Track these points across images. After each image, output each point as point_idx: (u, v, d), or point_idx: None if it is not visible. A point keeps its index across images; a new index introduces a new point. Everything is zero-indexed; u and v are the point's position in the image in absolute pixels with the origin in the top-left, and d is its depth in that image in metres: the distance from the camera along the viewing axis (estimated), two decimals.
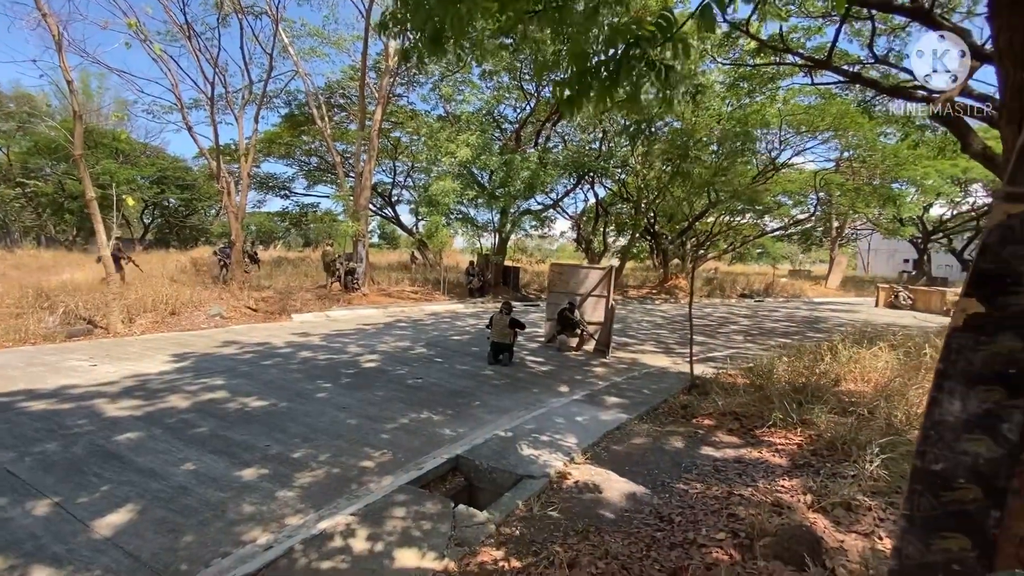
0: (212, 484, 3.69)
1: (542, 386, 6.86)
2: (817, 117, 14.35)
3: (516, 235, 21.07)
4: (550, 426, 5.10)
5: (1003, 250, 1.49)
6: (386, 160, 24.66)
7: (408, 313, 13.85)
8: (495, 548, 2.99)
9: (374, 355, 8.20)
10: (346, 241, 15.85)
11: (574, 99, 2.91)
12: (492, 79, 19.43)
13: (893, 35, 8.41)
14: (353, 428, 4.96)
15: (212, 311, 10.97)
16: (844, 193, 17.86)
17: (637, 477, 3.94)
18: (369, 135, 15.71)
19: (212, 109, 14.48)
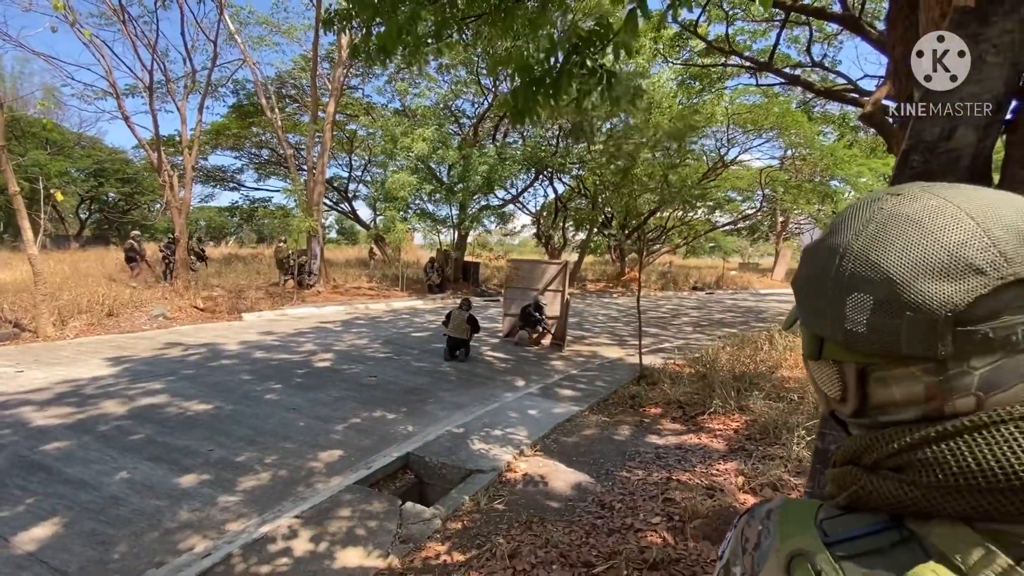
0: (148, 493, 3.56)
1: (498, 381, 6.92)
2: (761, 116, 15.01)
3: (476, 230, 21.02)
4: (503, 420, 5.17)
5: None
6: (342, 154, 24.08)
7: (366, 310, 13.63)
8: (440, 543, 3.03)
9: (328, 354, 8.05)
10: (300, 237, 15.44)
11: (522, 110, 2.96)
12: (449, 73, 19.26)
13: (827, 42, 8.89)
14: (302, 429, 4.87)
15: (155, 311, 10.48)
16: (787, 190, 18.77)
17: (583, 467, 4.06)
18: (322, 128, 15.30)
19: (151, 97, 13.75)
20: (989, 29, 1.45)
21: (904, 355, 0.41)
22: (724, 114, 15.42)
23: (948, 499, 0.39)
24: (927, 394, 0.42)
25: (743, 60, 8.88)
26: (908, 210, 0.43)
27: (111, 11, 12.94)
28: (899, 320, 0.41)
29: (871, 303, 0.42)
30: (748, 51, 9.67)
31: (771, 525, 0.48)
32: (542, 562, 2.70)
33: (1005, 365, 0.39)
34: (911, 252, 0.41)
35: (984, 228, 0.40)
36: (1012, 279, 0.38)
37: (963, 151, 1.50)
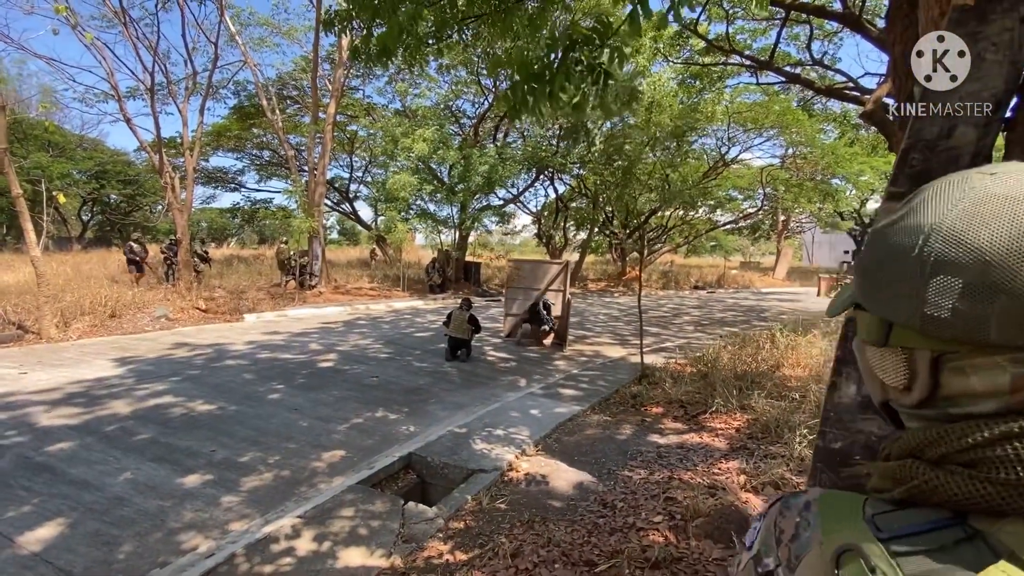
0: (151, 493, 3.57)
1: (499, 381, 6.93)
2: (762, 114, 15.00)
3: (477, 230, 21.04)
4: (505, 420, 5.17)
5: None
6: (343, 154, 24.12)
7: (367, 311, 13.65)
8: (442, 543, 3.03)
9: (330, 354, 8.07)
10: (302, 238, 15.47)
11: (520, 107, 2.96)
12: (449, 73, 19.27)
13: (828, 40, 8.89)
14: (305, 429, 4.88)
15: (157, 313, 10.50)
16: (788, 189, 18.75)
17: (585, 466, 4.06)
18: (323, 129, 15.32)
19: (152, 99, 13.78)
20: (988, 27, 1.45)
21: (992, 343, 0.39)
22: (724, 113, 15.43)
23: (1016, 495, 0.37)
24: (1013, 385, 0.39)
25: (743, 59, 8.88)
26: (1004, 189, 0.40)
27: (112, 13, 12.98)
28: (991, 305, 0.38)
29: (960, 286, 0.39)
30: (748, 50, 9.67)
31: (811, 517, 0.47)
32: (544, 561, 2.71)
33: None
34: (1010, 232, 0.38)
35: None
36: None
37: (963, 149, 1.50)
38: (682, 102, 14.42)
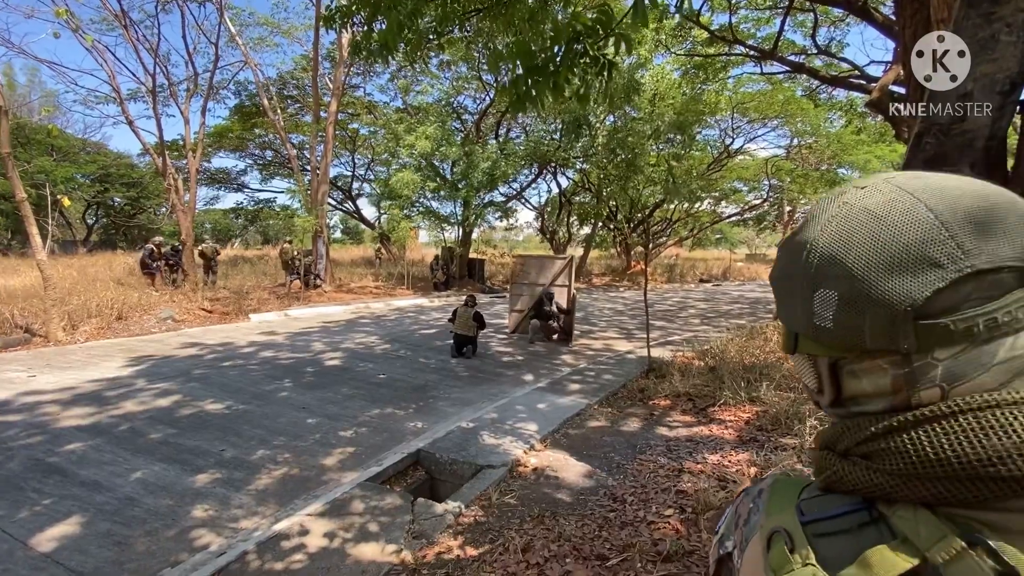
0: (162, 493, 3.59)
1: (506, 376, 6.92)
2: (766, 104, 14.87)
3: (480, 227, 21.04)
4: (512, 415, 5.17)
5: None
6: (345, 153, 24.15)
7: (372, 309, 13.67)
8: (453, 538, 3.04)
9: (336, 353, 8.09)
10: (305, 237, 15.49)
11: (523, 97, 2.94)
12: (450, 69, 19.22)
13: (833, 26, 8.79)
14: (313, 427, 4.90)
15: (163, 314, 10.56)
16: (794, 179, 18.62)
17: (594, 460, 4.05)
18: (325, 127, 15.33)
19: (154, 101, 13.82)
20: (1003, 7, 1.42)
21: (870, 349, 0.42)
22: (728, 104, 15.31)
23: (910, 485, 0.40)
24: (893, 386, 0.42)
25: (747, 49, 8.79)
26: (869, 203, 0.43)
27: (112, 16, 13.00)
28: (863, 315, 0.41)
29: (836, 299, 0.42)
30: (752, 39, 9.57)
31: (760, 503, 0.50)
32: (555, 556, 2.70)
33: (967, 356, 0.39)
34: (870, 247, 0.41)
35: (942, 220, 0.40)
36: (970, 271, 0.38)
37: (977, 132, 1.47)
38: (685, 93, 14.33)
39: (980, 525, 0.37)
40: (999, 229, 0.39)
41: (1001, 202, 0.40)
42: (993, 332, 0.39)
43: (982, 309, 0.39)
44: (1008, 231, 0.39)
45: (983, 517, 0.37)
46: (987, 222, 0.39)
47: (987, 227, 0.39)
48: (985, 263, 0.38)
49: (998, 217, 0.39)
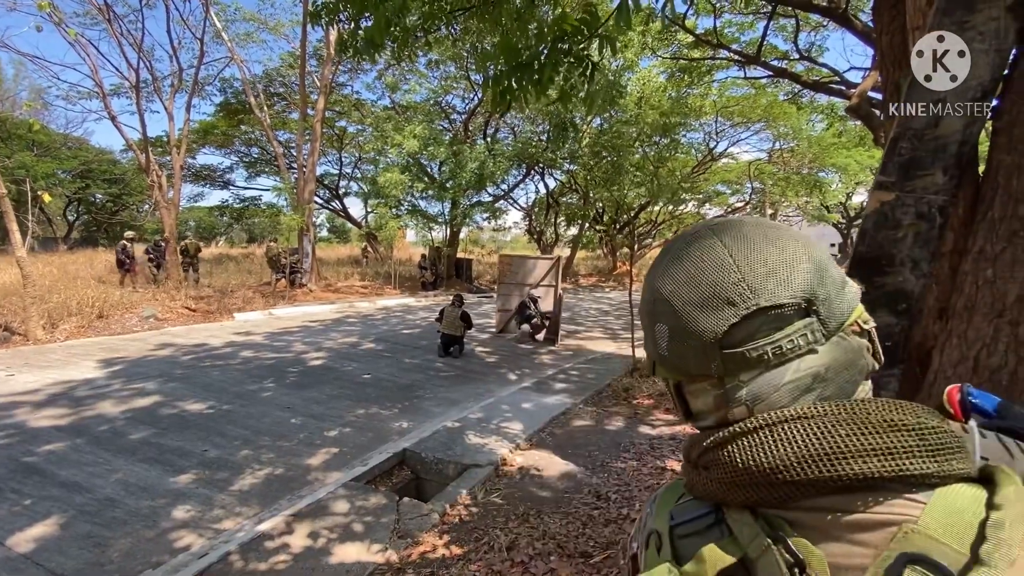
0: (143, 494, 3.54)
1: (491, 376, 6.93)
2: (749, 108, 15.08)
3: (468, 227, 21.01)
4: (497, 415, 5.18)
5: (878, 234, 1.66)
6: (332, 151, 23.94)
7: (358, 308, 13.59)
8: (438, 537, 3.04)
9: (321, 352, 8.03)
10: (291, 236, 15.35)
11: (507, 94, 2.95)
12: (439, 68, 19.17)
13: (814, 31, 8.94)
14: (297, 427, 4.86)
15: (145, 313, 10.38)
16: (776, 182, 18.91)
17: (578, 459, 4.08)
18: (312, 125, 15.20)
19: (138, 97, 13.59)
20: (975, 16, 1.46)
21: (694, 374, 0.48)
22: (712, 107, 15.48)
23: (733, 491, 0.45)
24: (715, 404, 0.48)
25: (731, 53, 8.91)
26: (691, 249, 0.49)
27: (96, 10, 12.75)
28: (684, 345, 0.48)
29: (667, 331, 0.49)
30: (736, 43, 9.68)
31: (653, 507, 0.55)
32: (540, 554, 2.72)
33: (763, 379, 0.45)
34: (687, 288, 0.48)
35: (738, 265, 0.46)
36: (755, 308, 0.44)
37: (950, 138, 1.52)
38: (670, 97, 14.47)
39: (785, 523, 0.42)
40: (779, 273, 0.45)
41: (788, 251, 0.47)
42: (780, 358, 0.45)
43: (769, 339, 0.45)
44: (786, 275, 0.45)
45: (787, 516, 0.43)
46: (772, 266, 0.46)
47: (770, 270, 0.45)
48: (766, 301, 0.44)
49: (783, 263, 0.46)
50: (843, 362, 0.46)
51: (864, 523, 0.40)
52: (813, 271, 0.46)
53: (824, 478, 0.40)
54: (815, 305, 0.45)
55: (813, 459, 0.41)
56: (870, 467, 0.39)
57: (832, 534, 0.41)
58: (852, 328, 0.47)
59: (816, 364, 0.45)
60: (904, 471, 0.39)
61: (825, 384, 0.45)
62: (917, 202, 1.57)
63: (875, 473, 0.39)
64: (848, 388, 0.47)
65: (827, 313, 0.46)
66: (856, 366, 0.47)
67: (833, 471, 0.40)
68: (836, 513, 0.41)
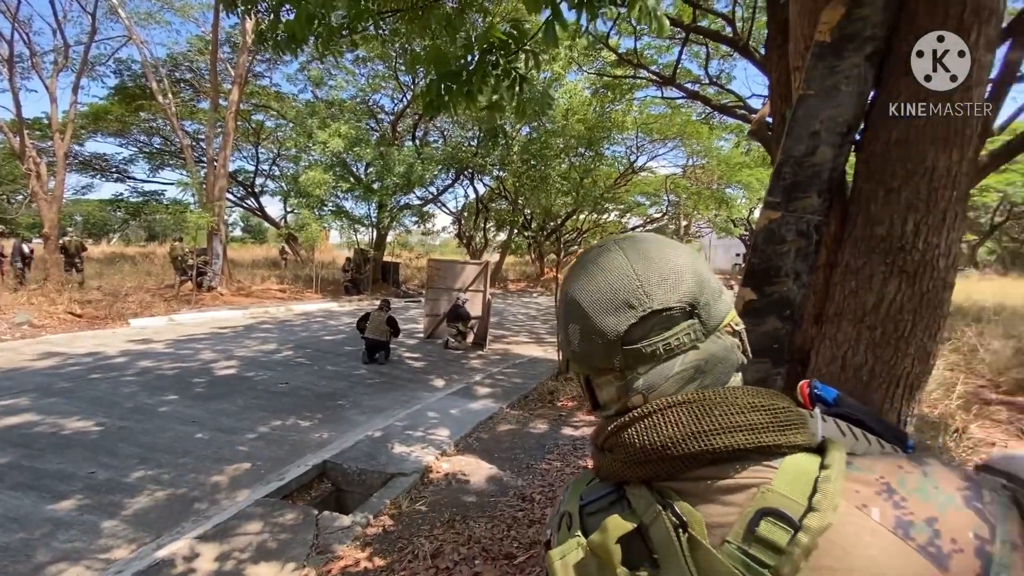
0: (13, 525, 3.12)
1: (418, 382, 6.83)
2: (666, 126, 16.13)
3: (395, 230, 20.54)
4: (424, 421, 5.12)
5: (767, 249, 1.85)
6: (247, 145, 22.46)
7: (275, 314, 12.83)
8: (360, 550, 2.95)
9: (232, 361, 7.50)
10: (199, 235, 14.21)
11: (437, 102, 2.96)
12: (367, 66, 18.64)
13: (723, 60, 9.75)
14: (204, 443, 4.51)
15: (18, 319, 9.15)
16: (689, 196, 20.32)
17: (504, 462, 4.14)
18: (224, 116, 14.19)
19: (11, 72, 12.01)
20: (842, 62, 1.68)
21: (600, 368, 0.55)
22: (633, 123, 16.36)
23: (632, 469, 0.52)
24: (618, 394, 0.55)
25: (650, 73, 9.47)
26: (599, 259, 0.57)
27: None
28: (593, 343, 0.54)
29: (578, 331, 0.55)
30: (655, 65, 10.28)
31: (566, 495, 0.61)
32: (465, 559, 2.73)
33: (656, 371, 0.53)
34: (594, 293, 0.54)
35: (637, 273, 0.54)
36: (650, 311, 0.52)
37: (823, 166, 1.73)
38: (595, 111, 15.10)
39: (673, 492, 0.50)
40: (669, 281, 0.53)
41: (677, 264, 0.55)
42: (669, 353, 0.52)
43: (661, 337, 0.52)
44: (674, 283, 0.53)
45: (675, 486, 0.50)
46: (664, 276, 0.53)
47: (662, 279, 0.53)
48: (658, 305, 0.52)
49: (671, 272, 0.54)
50: (719, 356, 0.54)
51: (732, 487, 0.47)
52: (696, 281, 0.54)
53: (702, 451, 0.48)
54: (697, 309, 0.53)
55: (694, 436, 0.48)
56: (736, 440, 0.47)
57: (709, 498, 0.48)
58: (726, 329, 0.55)
59: (698, 358, 0.53)
60: (762, 443, 0.47)
61: (705, 375, 0.53)
62: (798, 221, 1.77)
63: (740, 445, 0.47)
64: (723, 378, 0.54)
65: (706, 316, 0.54)
66: (729, 360, 0.55)
67: (708, 445, 0.48)
68: (712, 480, 0.48)
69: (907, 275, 1.63)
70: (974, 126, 1.66)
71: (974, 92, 1.61)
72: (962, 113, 1.58)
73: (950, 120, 1.58)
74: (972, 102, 1.61)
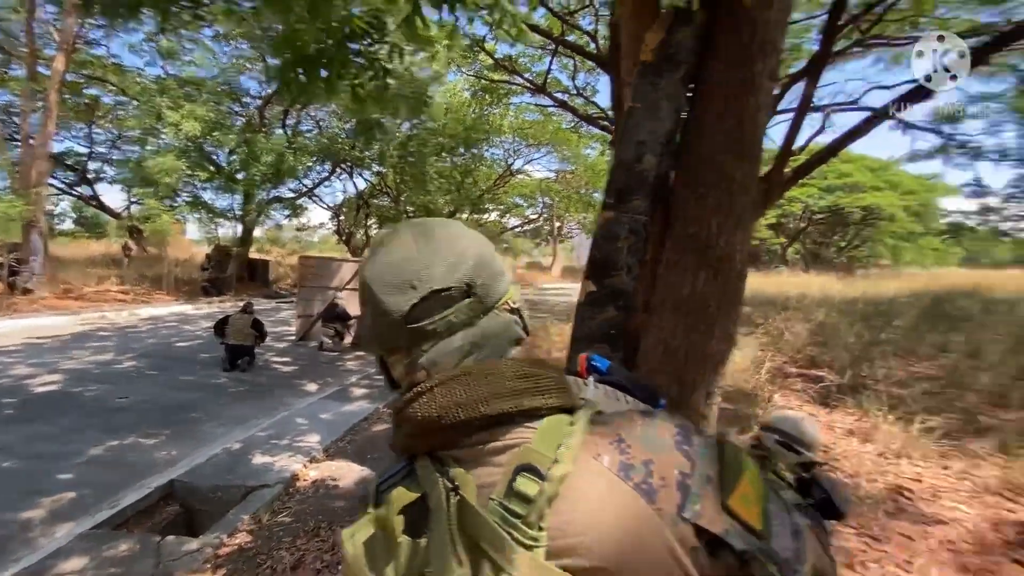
0: None
1: (287, 388, 6.40)
2: (540, 131, 16.93)
3: (263, 224, 18.94)
4: (292, 429, 4.82)
5: (604, 245, 2.03)
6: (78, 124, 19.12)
7: (114, 319, 11.14)
8: (212, 572, 2.71)
9: (55, 376, 6.38)
10: (11, 227, 11.86)
11: (292, 86, 2.80)
12: (230, 44, 16.89)
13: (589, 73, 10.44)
14: (12, 473, 3.80)
15: None
16: (561, 199, 21.54)
17: (377, 463, 4.05)
18: (45, 88, 11.96)
19: None
20: (663, 80, 1.91)
21: (390, 347, 0.58)
22: (510, 127, 16.91)
23: (417, 440, 0.55)
24: (405, 372, 0.58)
25: (524, 80, 9.84)
26: (390, 242, 0.59)
27: None
28: (381, 322, 0.57)
29: (370, 311, 0.58)
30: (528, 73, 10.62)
31: None
32: (328, 566, 2.63)
33: (437, 348, 0.56)
34: (382, 275, 0.57)
35: (421, 254, 0.57)
36: (430, 291, 0.55)
37: (649, 171, 1.94)
38: (475, 112, 15.31)
39: (452, 460, 0.53)
40: (450, 263, 0.56)
41: (459, 247, 0.58)
42: (449, 330, 0.56)
43: (441, 315, 0.55)
44: (454, 265, 0.57)
45: (454, 454, 0.53)
46: (446, 258, 0.56)
47: (444, 260, 0.56)
48: (438, 285, 0.55)
49: (453, 254, 0.57)
50: (495, 332, 0.58)
51: (499, 449, 0.51)
52: (476, 263, 0.58)
53: (472, 418, 0.51)
54: (475, 288, 0.57)
55: (465, 405, 0.51)
56: (502, 406, 0.51)
57: (481, 461, 0.51)
58: (504, 307, 0.60)
59: (475, 334, 0.57)
60: (523, 407, 0.52)
61: (481, 349, 0.57)
62: (629, 220, 1.98)
63: (504, 410, 0.51)
64: (500, 351, 0.58)
65: (484, 295, 0.57)
66: (506, 335, 0.59)
67: (477, 412, 0.51)
68: (484, 445, 0.52)
69: (712, 269, 1.91)
70: (761, 143, 1.99)
71: (760, 115, 1.94)
72: (751, 131, 1.90)
73: (744, 136, 1.88)
74: (759, 123, 1.94)
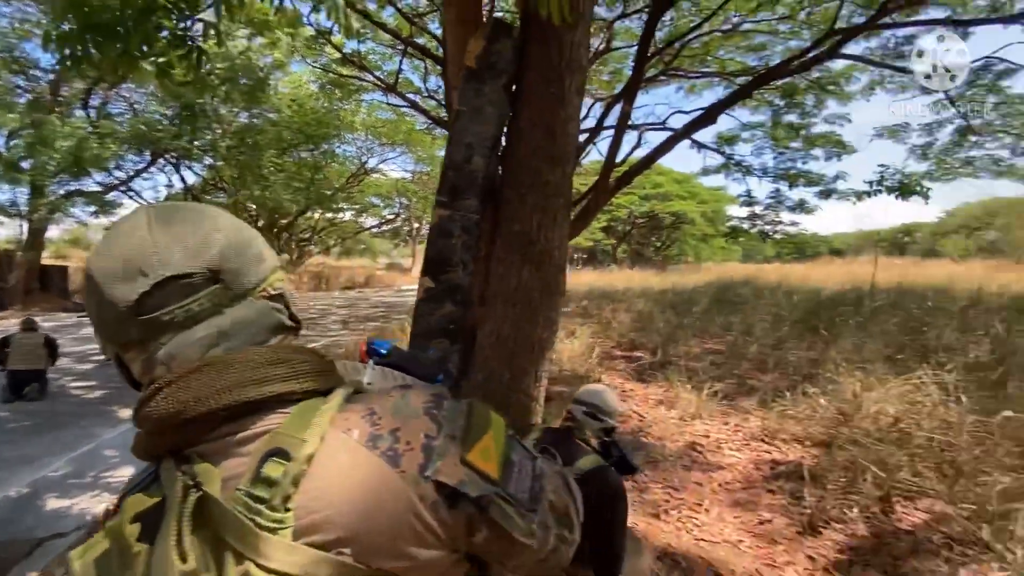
0: None
1: (93, 416, 5.41)
2: (393, 131, 16.68)
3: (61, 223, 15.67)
4: (99, 463, 4.11)
5: (439, 242, 2.10)
6: None
7: None
8: None
9: None
10: None
11: (79, 57, 2.42)
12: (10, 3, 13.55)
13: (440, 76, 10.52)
14: None
15: None
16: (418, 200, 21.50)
17: None
18: None
19: None
20: (485, 86, 2.05)
21: (123, 342, 0.53)
22: (363, 125, 16.37)
23: (156, 440, 0.51)
24: (143, 369, 0.53)
25: (374, 78, 9.58)
26: (122, 226, 0.54)
27: None
28: (107, 315, 0.51)
29: (95, 303, 0.52)
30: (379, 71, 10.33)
31: None
32: None
33: (178, 339, 0.51)
34: (107, 262, 0.51)
35: (156, 241, 0.51)
36: (163, 278, 0.50)
37: (478, 172, 2.06)
38: (325, 107, 14.46)
39: (198, 456, 0.49)
40: (190, 247, 0.52)
41: (204, 231, 0.53)
42: (191, 320, 0.51)
43: (179, 304, 0.51)
44: (196, 250, 0.52)
45: (199, 450, 0.50)
46: (186, 242, 0.52)
47: (183, 245, 0.52)
48: (173, 271, 0.50)
49: (196, 239, 0.52)
50: (248, 320, 0.54)
51: (248, 438, 0.49)
52: (224, 248, 0.53)
53: (216, 409, 0.48)
54: (221, 275, 0.52)
55: (203, 398, 0.48)
56: (248, 394, 0.49)
57: (229, 453, 0.49)
58: (261, 293, 0.56)
59: (222, 323, 0.52)
60: (274, 392, 0.50)
61: (231, 338, 0.53)
62: (463, 218, 2.08)
63: (250, 398, 0.49)
64: (257, 340, 0.54)
65: (233, 281, 0.53)
66: (261, 323, 0.55)
67: (219, 402, 0.48)
68: (231, 436, 0.49)
69: (535, 263, 2.10)
70: (572, 151, 2.24)
71: (571, 125, 2.18)
72: (563, 140, 2.12)
73: (556, 144, 2.10)
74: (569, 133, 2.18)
